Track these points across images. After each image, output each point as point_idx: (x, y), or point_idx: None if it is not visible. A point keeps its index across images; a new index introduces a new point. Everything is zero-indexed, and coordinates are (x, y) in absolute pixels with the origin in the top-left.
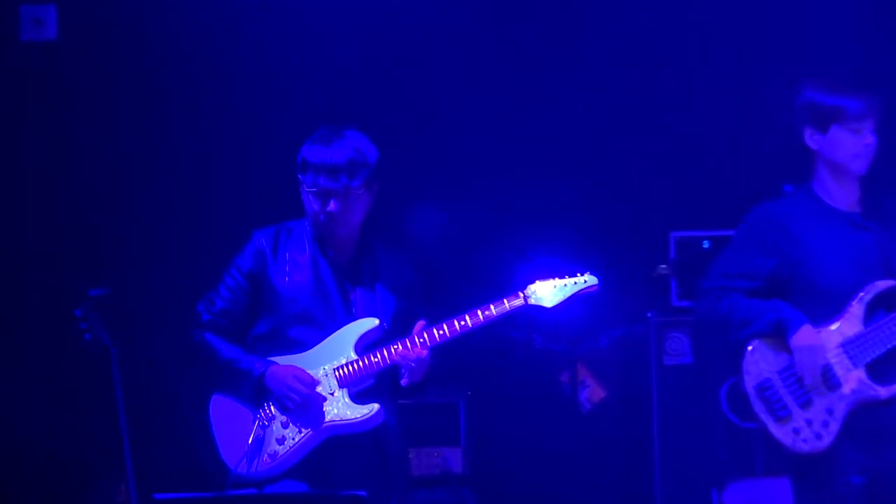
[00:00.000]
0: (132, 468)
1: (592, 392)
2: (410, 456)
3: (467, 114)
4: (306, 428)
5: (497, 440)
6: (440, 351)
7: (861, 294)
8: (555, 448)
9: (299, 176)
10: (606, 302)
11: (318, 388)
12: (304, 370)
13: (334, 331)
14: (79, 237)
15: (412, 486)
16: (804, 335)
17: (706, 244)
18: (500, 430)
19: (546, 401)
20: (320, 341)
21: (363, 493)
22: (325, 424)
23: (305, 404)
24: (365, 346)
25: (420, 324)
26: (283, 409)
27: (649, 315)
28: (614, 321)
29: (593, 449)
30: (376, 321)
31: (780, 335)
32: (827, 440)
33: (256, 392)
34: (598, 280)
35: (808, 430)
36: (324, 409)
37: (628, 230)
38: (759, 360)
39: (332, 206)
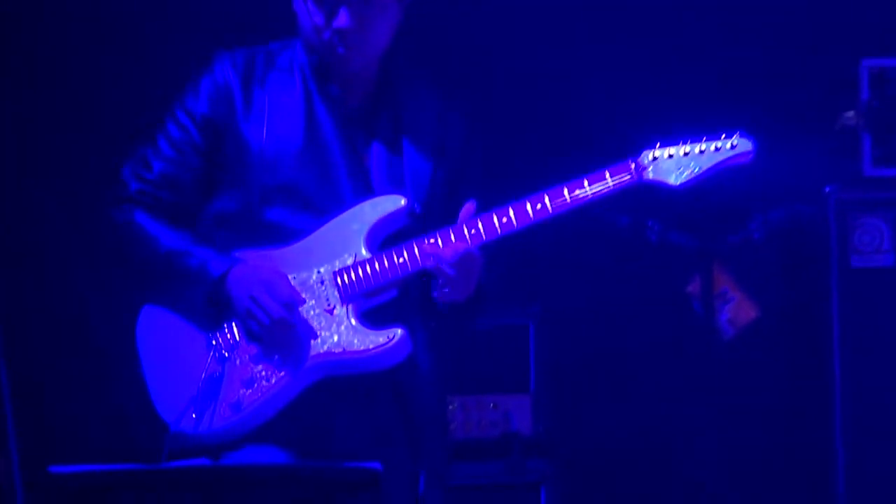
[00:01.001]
0: (14, 424)
1: (738, 310)
2: (452, 409)
3: None
4: (287, 364)
5: (586, 385)
6: (502, 249)
7: None
8: (677, 397)
9: None
10: (761, 169)
11: (309, 304)
12: (285, 274)
13: (336, 214)
14: None
15: (454, 457)
16: None
17: None
18: (590, 370)
19: (665, 324)
20: (314, 230)
21: (376, 465)
22: (317, 359)
23: (286, 327)
24: (383, 238)
25: (469, 207)
26: (251, 334)
27: (828, 190)
28: (772, 200)
29: (738, 399)
30: (402, 200)
31: None
32: None
33: (213, 305)
34: (753, 145)
35: None
36: (316, 334)
37: (796, 60)
38: None
39: (342, 18)
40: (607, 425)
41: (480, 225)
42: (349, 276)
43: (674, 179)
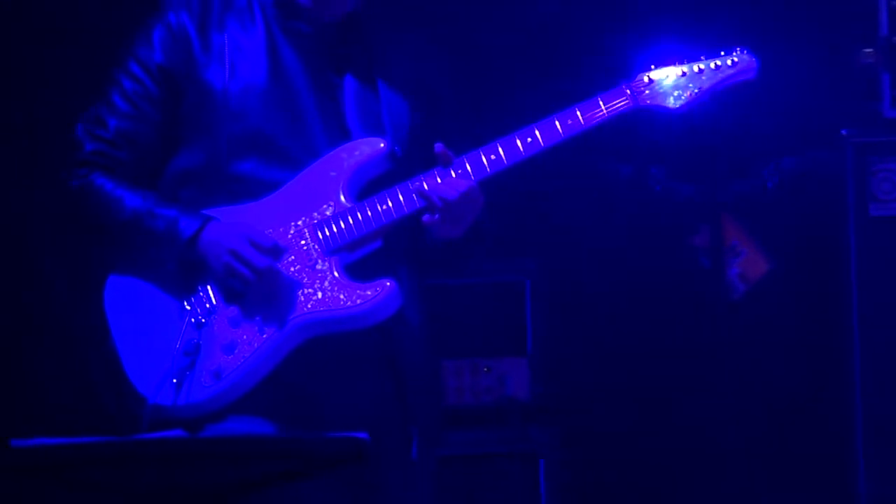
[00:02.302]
0: None
1: (748, 264)
2: (444, 373)
3: None
4: (270, 325)
5: (586, 346)
6: (497, 202)
7: None
8: (685, 358)
9: None
10: (773, 112)
11: (289, 260)
12: (260, 229)
13: (311, 162)
14: None
15: (447, 424)
16: None
17: None
18: (590, 330)
19: (671, 280)
20: (288, 181)
21: (363, 434)
22: (301, 318)
23: (266, 285)
24: (363, 184)
25: (446, 152)
26: (229, 296)
27: (845, 133)
28: (785, 145)
29: (750, 358)
30: (381, 143)
31: None
32: None
33: (185, 267)
34: (756, 62)
35: None
36: (299, 292)
37: None
38: None
39: None
40: (610, 389)
41: (467, 164)
42: (330, 229)
43: (672, 102)
